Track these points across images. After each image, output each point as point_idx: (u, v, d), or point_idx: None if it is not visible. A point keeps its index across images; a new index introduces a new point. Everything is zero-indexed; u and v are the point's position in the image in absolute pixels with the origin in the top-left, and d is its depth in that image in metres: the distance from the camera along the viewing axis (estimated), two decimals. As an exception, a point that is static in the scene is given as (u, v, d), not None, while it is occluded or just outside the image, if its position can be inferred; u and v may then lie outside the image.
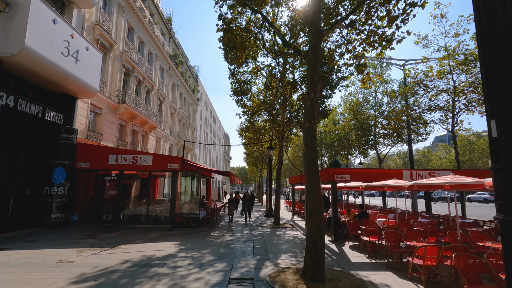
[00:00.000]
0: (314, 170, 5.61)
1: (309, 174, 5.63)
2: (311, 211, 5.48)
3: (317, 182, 5.57)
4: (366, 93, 23.86)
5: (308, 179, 5.65)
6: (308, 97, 5.72)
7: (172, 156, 12.72)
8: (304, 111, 5.79)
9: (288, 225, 13.60)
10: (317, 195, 5.47)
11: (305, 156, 5.75)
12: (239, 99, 15.80)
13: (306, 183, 5.69)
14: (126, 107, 17.43)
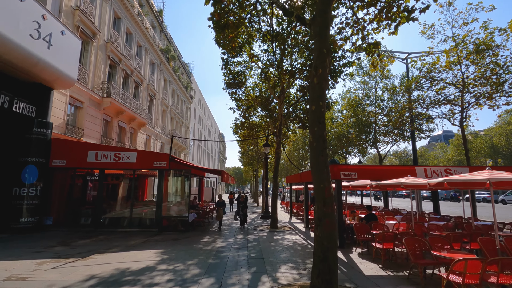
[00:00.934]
0: (323, 164, 4.49)
1: (317, 169, 4.51)
2: (319, 216, 4.35)
3: (327, 179, 4.45)
4: (365, 88, 22.87)
5: (315, 175, 4.52)
6: (316, 73, 4.59)
7: (158, 153, 11.53)
8: (310, 91, 4.68)
9: (286, 228, 12.47)
10: (327, 195, 4.36)
11: (311, 146, 4.62)
12: (232, 92, 14.64)
13: (313, 181, 4.56)
14: (111, 101, 16.15)
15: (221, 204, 12.37)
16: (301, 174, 13.29)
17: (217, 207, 12.37)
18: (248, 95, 14.87)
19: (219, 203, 12.37)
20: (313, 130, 4.57)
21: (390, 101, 21.00)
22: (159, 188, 11.54)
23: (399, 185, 7.02)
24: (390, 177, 8.74)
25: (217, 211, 12.30)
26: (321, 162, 4.48)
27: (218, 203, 12.44)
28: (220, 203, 12.37)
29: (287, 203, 23.79)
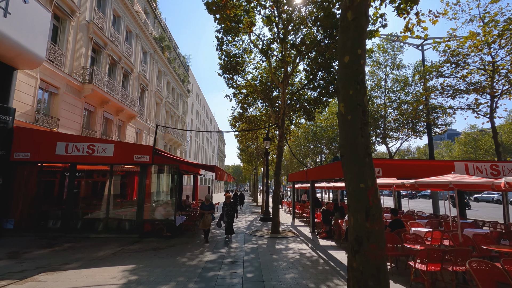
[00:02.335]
0: (363, 149, 2.75)
1: (354, 157, 2.77)
2: (360, 237, 2.61)
3: (371, 174, 2.71)
4: (374, 80, 21.05)
5: (350, 168, 2.78)
6: (350, 3, 2.83)
7: (140, 145, 9.81)
8: (340, 35, 2.93)
9: (290, 234, 10.74)
10: (372, 201, 2.61)
11: (343, 122, 2.88)
12: (229, 78, 12.85)
13: (346, 178, 2.82)
14: (93, 89, 14.36)
15: (208, 207, 9.29)
16: (307, 172, 11.55)
17: (201, 211, 9.27)
18: (247, 81, 13.07)
19: (205, 206, 9.31)
20: (347, 94, 2.82)
21: (403, 92, 19.21)
22: (140, 187, 9.80)
23: (446, 184, 5.27)
24: (422, 175, 7.00)
25: (202, 218, 9.12)
26: (360, 146, 2.73)
27: (203, 206, 9.35)
28: (207, 207, 9.29)
29: (289, 203, 22.07)
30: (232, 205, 9.67)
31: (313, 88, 12.33)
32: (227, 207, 9.57)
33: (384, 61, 19.90)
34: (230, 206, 9.62)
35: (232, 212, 9.61)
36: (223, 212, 9.56)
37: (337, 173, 7.81)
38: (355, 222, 2.63)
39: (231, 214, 9.55)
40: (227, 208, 9.51)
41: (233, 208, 9.76)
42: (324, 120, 31.11)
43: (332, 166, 8.38)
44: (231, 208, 9.61)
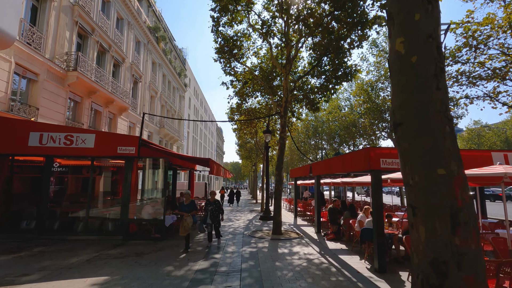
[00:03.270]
0: (441, 108, 1.63)
1: (425, 124, 1.65)
2: (442, 260, 1.49)
3: (455, 152, 1.59)
4: (380, 70, 19.90)
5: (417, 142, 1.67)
6: None
7: (125, 135, 8.69)
8: None
9: (293, 235, 9.67)
10: (460, 198, 1.50)
11: (403, 66, 1.77)
12: (226, 63, 11.69)
13: (406, 160, 1.71)
14: (78, 76, 13.18)
15: (187, 207, 7.31)
16: (312, 166, 10.45)
17: (181, 212, 7.43)
18: (246, 67, 11.91)
19: (184, 206, 7.38)
20: (409, 21, 1.71)
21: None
22: (125, 183, 8.67)
23: (499, 177, 4.19)
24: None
25: (181, 221, 7.07)
26: (435, 106, 1.63)
27: (182, 206, 7.48)
28: (186, 207, 7.34)
29: (289, 200, 21.01)
30: (217, 204, 7.64)
31: (318, 74, 11.20)
32: (212, 206, 7.59)
33: (392, 49, 18.71)
34: (216, 205, 7.61)
35: (217, 213, 7.62)
36: (206, 213, 7.63)
37: (349, 165, 6.71)
38: (431, 234, 1.52)
39: (216, 215, 7.61)
40: (212, 208, 7.56)
41: (218, 208, 7.63)
42: (326, 114, 29.99)
43: (343, 159, 7.28)
44: (216, 208, 7.61)
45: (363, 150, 5.94)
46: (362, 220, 7.30)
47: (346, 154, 6.89)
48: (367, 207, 7.49)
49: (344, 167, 7.04)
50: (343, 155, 7.23)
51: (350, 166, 6.65)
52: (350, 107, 26.95)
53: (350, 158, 6.64)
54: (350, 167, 6.63)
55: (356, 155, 6.28)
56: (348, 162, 6.75)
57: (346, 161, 6.91)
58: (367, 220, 6.68)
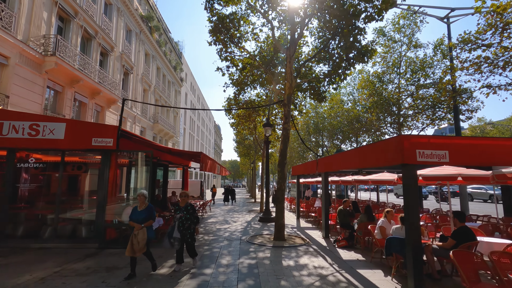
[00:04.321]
0: None
1: None
2: None
3: None
4: (389, 61, 18.61)
5: None
6: None
7: (101, 124, 7.35)
8: None
9: (298, 241, 8.41)
10: None
11: None
12: (222, 46, 10.37)
13: None
14: (56, 62, 11.81)
15: (140, 215, 5.10)
16: (320, 161, 9.17)
17: (132, 224, 5.09)
18: (245, 51, 10.57)
19: (137, 214, 5.13)
20: None
21: (421, 73, 16.83)
22: (101, 181, 7.36)
23: None
24: (500, 159, 4.67)
25: (131, 236, 4.94)
26: None
27: (134, 213, 5.17)
28: (139, 214, 5.12)
29: (290, 200, 19.77)
30: (190, 210, 5.37)
31: (326, 58, 9.89)
32: (181, 213, 5.31)
33: (403, 36, 17.46)
34: (187, 212, 5.31)
35: (189, 223, 5.31)
36: (174, 223, 5.33)
37: (371, 159, 5.42)
38: None
39: (188, 226, 5.29)
40: (181, 216, 5.28)
41: (191, 216, 5.35)
42: (328, 109, 28.72)
43: (363, 151, 5.99)
44: (188, 215, 5.30)
45: (393, 139, 4.65)
46: (384, 226, 6.03)
47: (366, 145, 5.60)
48: (389, 210, 6.22)
49: (363, 161, 5.75)
50: (362, 146, 5.94)
51: (372, 160, 5.37)
52: (353, 102, 25.69)
53: (373, 150, 5.35)
54: (373, 161, 5.35)
55: (383, 146, 4.98)
56: (371, 155, 5.46)
57: (367, 154, 5.62)
58: (395, 227, 5.41)
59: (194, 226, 5.45)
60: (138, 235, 4.89)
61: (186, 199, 5.59)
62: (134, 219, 5.11)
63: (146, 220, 5.10)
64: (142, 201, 5.24)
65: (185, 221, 5.32)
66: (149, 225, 5.14)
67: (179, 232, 5.27)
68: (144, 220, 5.09)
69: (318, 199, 13.88)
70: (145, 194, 5.36)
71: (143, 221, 5.06)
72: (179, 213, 5.35)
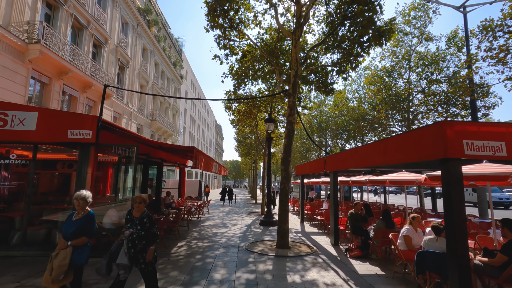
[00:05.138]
0: None
1: None
2: None
3: None
4: (399, 53, 17.55)
5: None
6: None
7: (77, 114, 6.37)
8: None
9: (305, 249, 7.41)
10: None
11: None
12: (220, 33, 9.39)
13: None
14: (41, 51, 10.90)
15: (70, 227, 3.48)
16: (328, 159, 8.16)
17: (60, 238, 3.53)
18: (245, 35, 9.58)
19: (67, 224, 3.53)
20: None
21: (435, 66, 15.78)
22: (78, 179, 6.39)
23: None
24: None
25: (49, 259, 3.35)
26: None
27: (65, 225, 3.54)
28: (69, 226, 3.49)
29: (293, 201, 18.76)
30: (146, 222, 3.64)
31: (336, 44, 8.88)
32: (133, 227, 3.61)
33: (414, 29, 16.44)
34: (143, 226, 3.62)
35: (144, 242, 3.61)
36: (122, 241, 3.60)
37: (397, 154, 4.42)
38: None
39: (142, 247, 3.58)
40: (132, 232, 3.56)
41: (147, 232, 3.63)
42: (333, 107, 27.71)
43: (385, 144, 4.98)
44: (142, 230, 3.60)
45: (430, 127, 3.65)
46: (410, 236, 5.02)
47: (391, 138, 4.59)
48: (416, 216, 5.22)
49: (386, 157, 4.74)
50: (384, 139, 4.93)
51: (399, 156, 4.36)
52: (358, 100, 24.64)
53: (401, 143, 4.33)
54: (400, 157, 4.34)
55: (415, 137, 3.97)
56: (396, 149, 4.44)
57: (391, 148, 4.61)
58: (428, 238, 4.39)
59: (150, 246, 3.62)
60: (57, 257, 3.28)
61: (142, 207, 3.72)
62: (62, 231, 3.51)
63: (77, 236, 3.42)
64: (80, 206, 3.58)
65: (137, 240, 3.53)
66: (81, 244, 3.45)
67: (128, 256, 3.51)
68: (74, 235, 3.41)
69: (325, 202, 12.85)
70: (85, 196, 3.63)
71: (72, 236, 3.41)
72: (131, 229, 3.58)
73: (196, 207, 12.95)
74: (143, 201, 3.74)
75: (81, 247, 3.46)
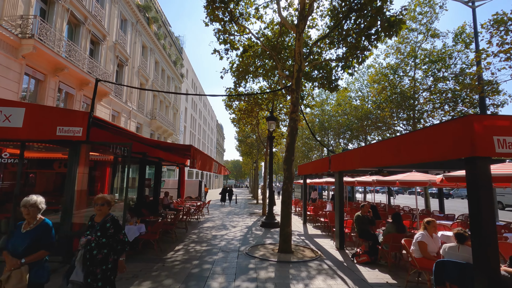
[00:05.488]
0: None
1: None
2: None
3: None
4: (405, 49, 17.08)
5: None
6: None
7: (67, 110, 6.01)
8: None
9: (308, 253, 7.00)
10: None
11: None
12: (222, 26, 8.99)
13: None
14: (35, 46, 10.53)
15: (20, 239, 2.86)
16: (333, 158, 7.74)
17: (4, 250, 2.86)
18: (246, 28, 9.16)
19: (15, 237, 2.92)
20: None
21: (442, 63, 15.31)
22: (68, 179, 6.00)
23: None
24: None
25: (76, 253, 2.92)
26: None
27: (10, 239, 2.95)
28: (17, 238, 2.88)
29: (295, 202, 18.32)
30: (109, 229, 2.94)
31: (340, 39, 8.46)
32: (93, 234, 2.92)
33: (420, 25, 16.00)
34: (105, 232, 2.93)
35: (106, 251, 2.88)
36: (78, 251, 2.89)
37: (414, 152, 4.00)
38: None
39: (102, 258, 2.85)
40: (89, 240, 2.86)
41: (113, 240, 2.94)
42: (335, 106, 27.27)
43: (401, 142, 4.55)
44: (105, 239, 2.90)
45: (455, 121, 3.23)
46: (425, 242, 4.60)
47: (406, 134, 4.16)
48: (431, 221, 4.79)
49: (400, 156, 4.30)
50: (399, 137, 4.50)
51: (413, 154, 3.93)
52: (361, 99, 24.18)
53: (419, 140, 3.90)
54: (414, 156, 3.91)
55: (437, 132, 3.54)
56: (411, 147, 4.02)
57: (404, 147, 4.18)
58: (448, 246, 3.97)
59: (116, 257, 2.98)
60: (9, 281, 2.68)
61: (105, 210, 3.08)
62: (9, 247, 2.86)
63: (32, 250, 2.85)
64: (30, 215, 2.95)
65: (96, 250, 2.84)
66: (38, 260, 2.88)
67: (84, 270, 2.80)
68: (27, 250, 2.82)
69: (329, 203, 12.42)
70: (36, 202, 2.99)
71: (25, 252, 2.81)
72: (89, 235, 2.92)
73: (196, 208, 12.56)
74: (106, 203, 3.08)
75: (38, 263, 2.89)
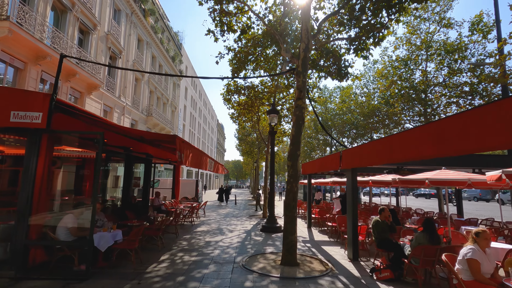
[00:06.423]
0: None
1: None
2: None
3: None
4: (415, 40, 15.92)
5: None
6: None
7: (23, 91, 4.95)
8: None
9: (317, 266, 5.89)
10: None
11: None
12: (214, 3, 7.89)
13: None
14: (11, 29, 9.47)
15: None
16: (344, 154, 6.61)
17: None
18: (246, 6, 8.05)
19: None
20: None
21: (459, 53, 14.15)
22: (25, 175, 4.91)
23: None
24: None
25: None
26: None
27: None
28: None
29: (299, 204, 17.17)
30: None
31: (353, 16, 7.34)
32: None
33: (432, 14, 14.87)
34: None
35: None
36: None
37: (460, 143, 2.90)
38: None
39: None
40: None
41: None
42: (340, 103, 26.13)
43: (444, 126, 3.44)
44: None
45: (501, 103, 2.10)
46: (478, 260, 3.46)
47: (452, 115, 2.98)
48: (481, 232, 3.66)
49: (439, 145, 3.20)
50: (440, 120, 3.38)
51: (465, 141, 2.82)
52: (367, 95, 23.04)
53: (474, 121, 2.79)
54: (465, 144, 2.80)
55: (502, 111, 2.43)
56: (462, 131, 2.91)
57: (450, 132, 3.07)
58: None
59: None
60: None
61: None
62: None
63: None
64: None
65: None
66: None
67: None
68: None
69: (335, 200, 11.26)
70: None
71: None
72: None
73: (190, 210, 11.46)
74: None
75: None
